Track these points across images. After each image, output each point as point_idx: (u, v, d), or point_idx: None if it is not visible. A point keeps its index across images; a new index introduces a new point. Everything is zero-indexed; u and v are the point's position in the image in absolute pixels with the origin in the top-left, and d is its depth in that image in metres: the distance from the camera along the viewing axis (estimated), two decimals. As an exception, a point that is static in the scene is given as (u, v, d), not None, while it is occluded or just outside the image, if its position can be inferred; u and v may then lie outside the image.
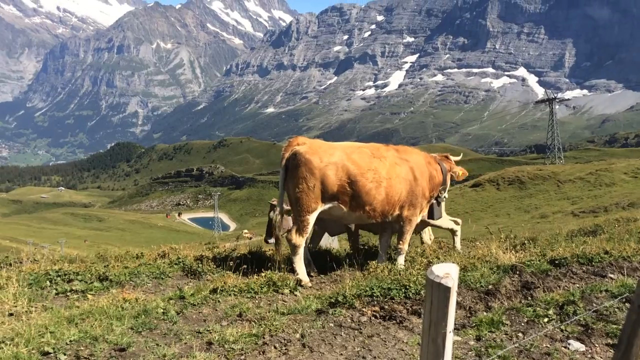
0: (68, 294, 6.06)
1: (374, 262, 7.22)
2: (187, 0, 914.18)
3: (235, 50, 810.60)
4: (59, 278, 6.51)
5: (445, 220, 9.04)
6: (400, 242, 7.50)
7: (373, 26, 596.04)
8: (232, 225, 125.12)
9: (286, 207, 8.35)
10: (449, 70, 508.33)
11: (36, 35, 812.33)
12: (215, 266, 7.36)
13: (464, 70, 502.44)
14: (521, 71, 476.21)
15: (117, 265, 7.20)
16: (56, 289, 6.16)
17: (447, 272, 2.19)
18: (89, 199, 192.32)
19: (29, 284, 6.21)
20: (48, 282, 6.37)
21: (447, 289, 2.25)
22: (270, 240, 9.50)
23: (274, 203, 8.74)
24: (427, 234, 9.66)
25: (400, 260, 7.46)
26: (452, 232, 9.15)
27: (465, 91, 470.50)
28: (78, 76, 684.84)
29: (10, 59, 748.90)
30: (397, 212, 7.33)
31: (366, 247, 8.88)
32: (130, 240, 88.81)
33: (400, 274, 6.30)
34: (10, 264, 7.98)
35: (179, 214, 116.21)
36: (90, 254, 9.26)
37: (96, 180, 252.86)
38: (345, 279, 6.62)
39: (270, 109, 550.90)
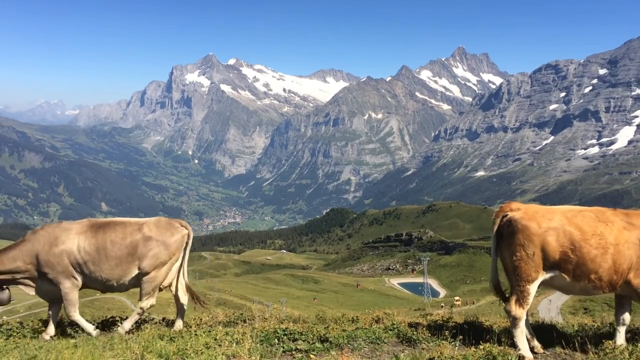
0: (293, 352, 6.53)
1: (610, 342, 6.40)
2: (397, 72, 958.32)
3: (443, 116, 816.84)
4: (285, 337, 7.06)
5: None
6: (643, 320, 6.59)
7: (594, 80, 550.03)
8: (442, 292, 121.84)
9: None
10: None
11: (265, 115, 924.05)
12: (430, 334, 7.24)
13: None
14: None
15: (336, 328, 7.54)
16: (283, 347, 6.68)
17: None
18: (306, 262, 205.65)
19: (260, 341, 6.84)
20: (276, 340, 6.95)
21: None
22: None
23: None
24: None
25: (644, 342, 6.49)
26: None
27: None
28: (299, 149, 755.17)
29: (244, 137, 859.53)
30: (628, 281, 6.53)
31: (597, 323, 7.93)
32: (343, 303, 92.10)
33: (645, 359, 5.46)
34: (245, 321, 8.85)
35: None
36: (310, 314, 9.85)
37: (313, 244, 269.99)
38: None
39: (481, 173, 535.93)
